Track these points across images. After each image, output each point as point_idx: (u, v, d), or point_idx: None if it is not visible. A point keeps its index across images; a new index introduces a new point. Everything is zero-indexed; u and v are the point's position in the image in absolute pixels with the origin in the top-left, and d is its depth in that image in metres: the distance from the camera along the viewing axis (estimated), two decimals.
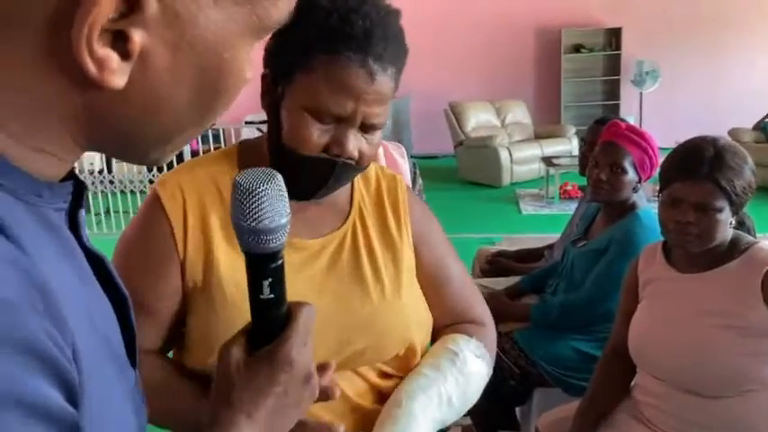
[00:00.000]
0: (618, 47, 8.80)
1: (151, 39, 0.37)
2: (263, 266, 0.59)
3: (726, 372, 1.38)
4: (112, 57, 0.36)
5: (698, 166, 1.36)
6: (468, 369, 0.99)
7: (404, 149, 1.81)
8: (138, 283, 0.88)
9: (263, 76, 0.92)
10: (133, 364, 0.51)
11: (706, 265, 1.44)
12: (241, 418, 0.58)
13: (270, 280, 0.59)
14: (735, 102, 8.23)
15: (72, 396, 0.35)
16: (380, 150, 1.67)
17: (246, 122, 8.15)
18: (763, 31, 8.34)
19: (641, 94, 8.62)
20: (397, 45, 0.87)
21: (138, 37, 0.37)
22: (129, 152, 0.45)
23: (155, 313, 0.93)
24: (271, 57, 0.91)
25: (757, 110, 7.51)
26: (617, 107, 8.92)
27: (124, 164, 6.80)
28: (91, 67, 0.36)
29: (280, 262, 0.59)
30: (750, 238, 1.47)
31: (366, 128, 0.88)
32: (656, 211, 1.49)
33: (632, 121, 5.09)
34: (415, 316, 1.00)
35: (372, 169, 1.05)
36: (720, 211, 1.36)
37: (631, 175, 1.96)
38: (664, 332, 1.46)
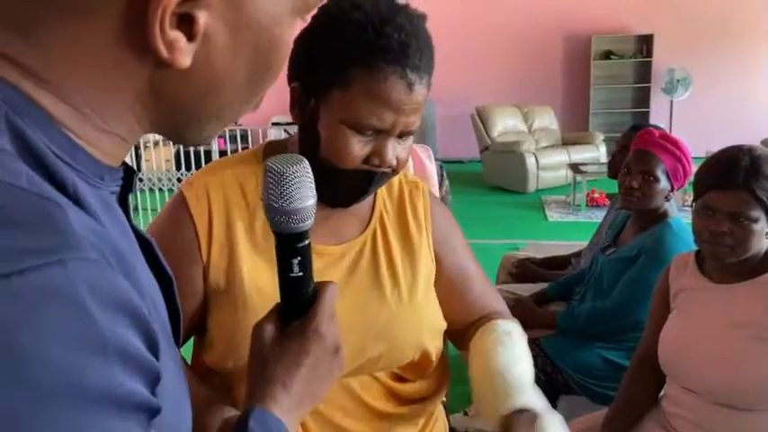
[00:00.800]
0: (649, 54, 8.70)
1: (213, 20, 0.39)
2: (293, 246, 0.63)
3: (758, 385, 1.35)
4: (180, 38, 0.38)
5: (733, 175, 1.34)
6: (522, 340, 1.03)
7: (431, 152, 1.81)
8: None
9: (293, 89, 0.92)
10: (177, 342, 0.52)
11: (740, 276, 1.42)
12: (277, 388, 0.62)
13: (299, 259, 0.63)
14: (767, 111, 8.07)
15: (155, 353, 0.38)
16: None
17: (273, 123, 8.23)
18: None
19: (672, 101, 8.51)
20: (429, 52, 0.88)
21: (202, 18, 0.39)
22: (186, 130, 0.47)
23: None
24: (301, 71, 0.90)
25: None
26: (647, 114, 8.80)
27: (153, 162, 6.91)
28: (162, 49, 0.38)
29: (307, 242, 0.64)
30: None
31: (402, 134, 0.89)
32: (688, 220, 1.47)
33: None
34: (429, 322, 1.01)
35: (396, 176, 1.05)
36: (756, 221, 1.34)
37: (663, 183, 1.94)
38: (695, 343, 1.43)
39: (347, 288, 0.95)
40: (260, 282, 0.91)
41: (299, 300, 0.65)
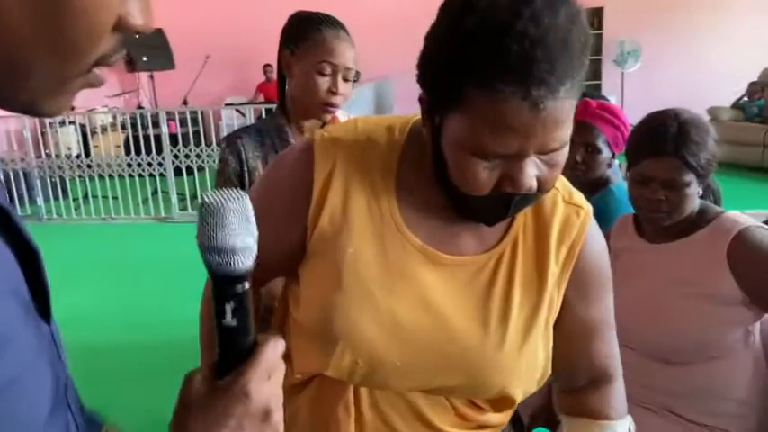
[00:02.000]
0: (600, 26, 8.80)
1: None
2: (226, 290, 0.56)
3: (695, 339, 1.40)
4: None
5: (662, 144, 1.37)
6: None
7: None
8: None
9: (420, 100, 0.80)
10: (46, 318, 0.50)
11: (675, 235, 1.45)
12: None
13: (232, 305, 0.56)
14: (714, 81, 8.27)
15: None
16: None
17: (226, 104, 8.08)
18: (740, 11, 8.37)
19: (623, 73, 8.65)
20: (568, 53, 0.69)
21: None
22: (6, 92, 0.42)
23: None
24: (425, 81, 0.78)
25: (735, 89, 7.58)
26: (599, 87, 8.93)
27: (102, 148, 6.72)
28: None
29: (246, 287, 0.56)
30: (717, 208, 1.49)
31: (544, 154, 0.74)
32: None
33: (614, 100, 5.11)
34: (526, 371, 0.88)
35: (553, 194, 0.89)
36: (689, 185, 1.38)
37: (606, 153, 1.97)
38: (634, 301, 1.46)
39: (446, 304, 0.86)
40: (360, 268, 0.84)
41: (233, 351, 0.57)
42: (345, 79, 1.56)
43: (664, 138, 1.37)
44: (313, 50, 1.53)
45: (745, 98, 7.47)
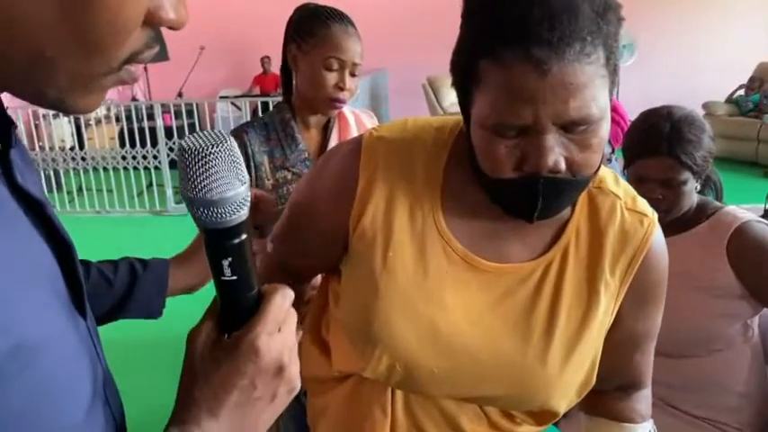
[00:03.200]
0: None
1: None
2: (221, 244, 0.50)
3: (695, 332, 1.41)
4: None
5: (656, 144, 1.38)
6: None
7: (375, 119, 1.79)
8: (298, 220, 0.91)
9: (453, 84, 0.79)
10: (82, 313, 0.49)
11: (675, 230, 1.46)
12: (201, 413, 0.51)
13: (230, 259, 0.51)
14: (709, 75, 8.30)
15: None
16: (352, 119, 1.65)
17: (221, 97, 8.04)
18: (734, 5, 8.39)
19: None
20: (572, 12, 0.65)
21: None
22: (19, 88, 0.41)
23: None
24: (453, 72, 0.77)
25: (730, 83, 7.60)
26: None
27: (96, 141, 6.68)
28: None
29: (242, 238, 0.51)
30: (716, 203, 1.50)
31: (568, 127, 0.69)
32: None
33: None
34: (569, 385, 0.84)
35: (611, 201, 0.85)
36: (685, 183, 1.39)
37: (605, 149, 1.97)
38: None
39: (488, 313, 0.82)
40: (400, 272, 0.82)
41: (237, 307, 0.53)
42: (352, 74, 1.55)
43: (657, 138, 1.38)
44: (320, 46, 1.52)
45: (741, 93, 7.50)
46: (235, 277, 0.51)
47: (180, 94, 7.30)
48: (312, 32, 1.53)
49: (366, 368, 0.85)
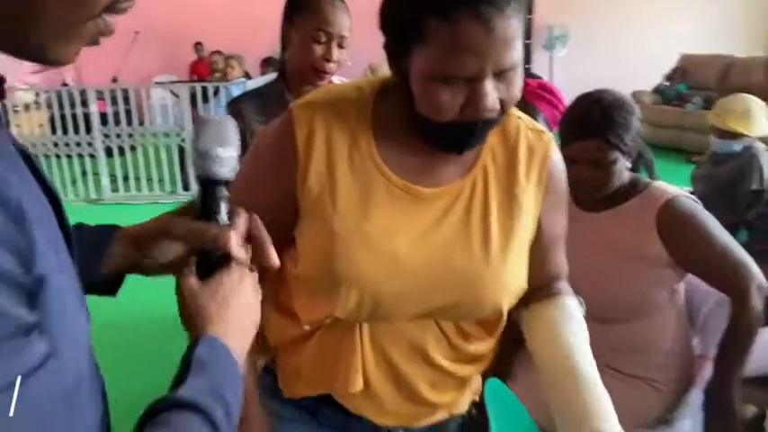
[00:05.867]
0: (530, 11, 9.02)
1: None
2: (221, 190, 0.68)
3: (628, 298, 1.53)
4: None
5: (587, 127, 1.48)
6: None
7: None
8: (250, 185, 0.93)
9: (384, 45, 0.87)
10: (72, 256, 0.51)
11: (608, 204, 1.57)
12: (219, 327, 0.63)
13: (229, 206, 0.68)
14: (636, 66, 8.65)
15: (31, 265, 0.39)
16: None
17: (156, 83, 7.82)
18: None
19: (551, 57, 8.92)
20: None
21: None
22: (2, 37, 0.43)
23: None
24: (386, 26, 0.86)
25: (656, 74, 7.98)
26: (528, 70, 9.15)
27: (24, 128, 6.38)
28: None
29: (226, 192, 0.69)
30: (647, 179, 1.61)
31: (500, 74, 0.81)
32: None
33: None
34: (512, 284, 0.96)
35: (516, 123, 0.98)
36: (614, 162, 1.49)
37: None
38: (573, 266, 1.57)
39: (431, 234, 0.92)
40: (351, 212, 0.90)
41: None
42: (340, 46, 1.65)
43: (588, 121, 1.48)
44: (309, 19, 1.62)
45: (666, 82, 7.87)
46: (228, 220, 0.68)
47: (115, 80, 7.05)
48: (303, 6, 1.64)
49: (336, 309, 0.91)
